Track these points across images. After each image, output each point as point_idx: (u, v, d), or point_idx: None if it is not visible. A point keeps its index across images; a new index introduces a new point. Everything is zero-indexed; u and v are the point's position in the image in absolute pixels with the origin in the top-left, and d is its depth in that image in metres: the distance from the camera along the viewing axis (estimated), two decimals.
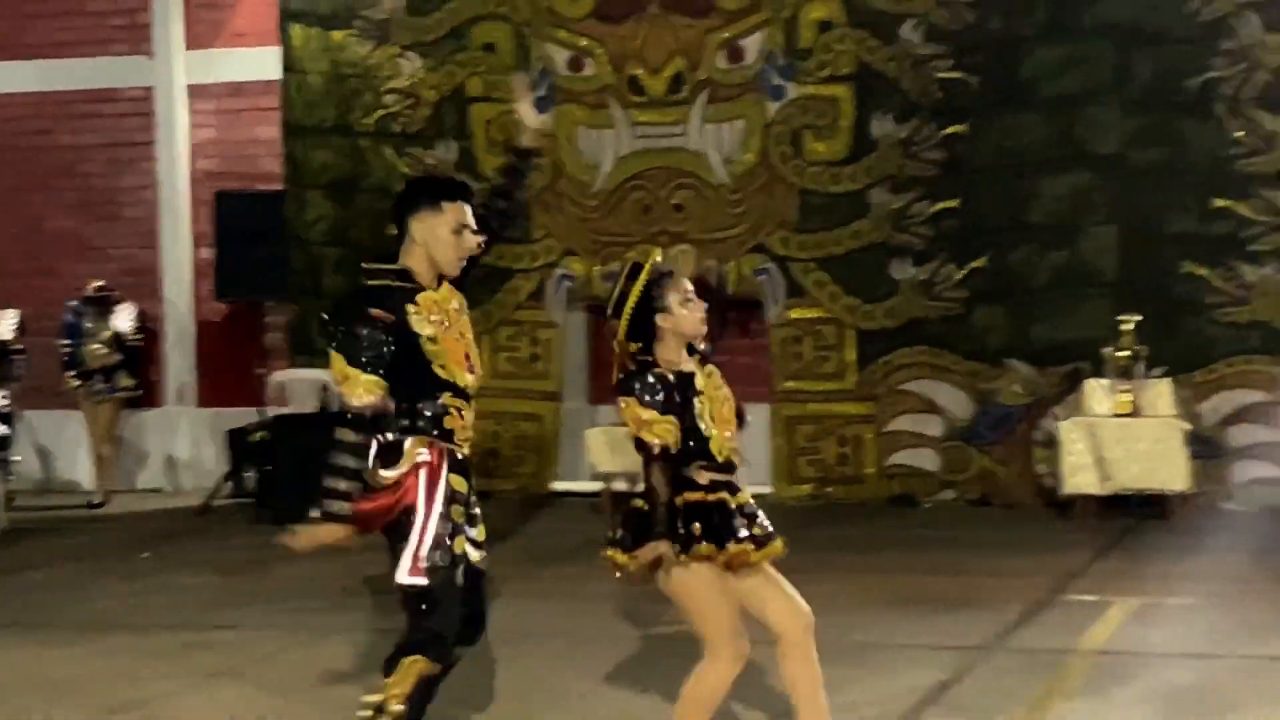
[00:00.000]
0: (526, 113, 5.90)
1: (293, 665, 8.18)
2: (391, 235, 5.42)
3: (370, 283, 5.34)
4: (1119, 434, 11.67)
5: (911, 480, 13.55)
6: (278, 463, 13.18)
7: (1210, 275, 12.82)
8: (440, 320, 5.34)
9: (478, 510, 5.52)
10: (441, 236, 5.34)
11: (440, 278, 5.40)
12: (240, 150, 15.63)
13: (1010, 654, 8.00)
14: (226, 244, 14.84)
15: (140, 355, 15.20)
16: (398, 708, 5.19)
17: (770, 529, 5.51)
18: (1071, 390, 12.73)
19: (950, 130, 13.39)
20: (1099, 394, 12.18)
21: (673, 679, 7.59)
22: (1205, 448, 12.56)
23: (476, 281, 17.58)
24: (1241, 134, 12.75)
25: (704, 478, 5.39)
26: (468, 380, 5.40)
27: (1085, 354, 12.65)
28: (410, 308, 5.28)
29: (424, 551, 5.23)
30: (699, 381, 5.44)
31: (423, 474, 5.28)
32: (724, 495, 5.43)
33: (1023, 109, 13.19)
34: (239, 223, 14.74)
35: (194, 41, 15.64)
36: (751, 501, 5.53)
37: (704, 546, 5.35)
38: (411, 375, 5.27)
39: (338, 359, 5.22)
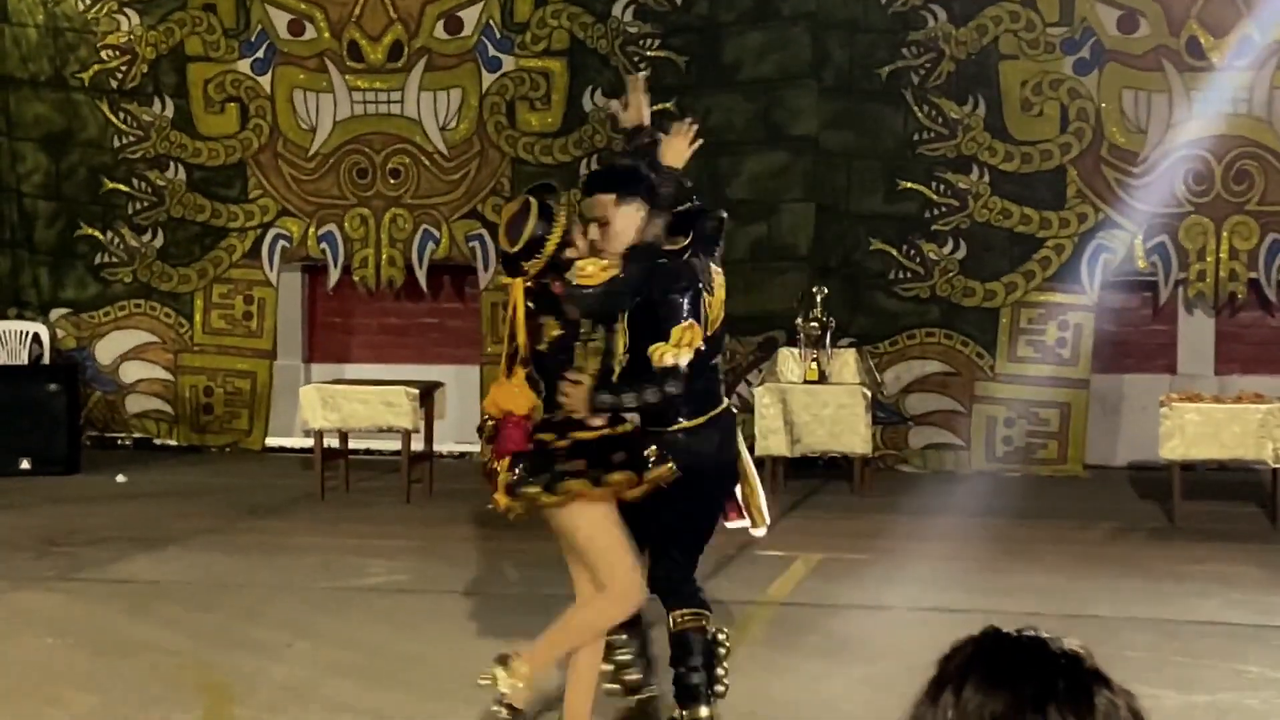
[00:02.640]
0: (616, 108, 6.53)
1: None
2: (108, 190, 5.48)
3: None
4: (807, 399, 11.84)
5: None
6: None
7: (895, 252, 13.41)
8: None
9: None
10: None
11: None
12: None
13: None
14: None
15: None
16: None
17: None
18: (766, 358, 12.99)
19: (657, 107, 13.75)
20: (790, 362, 12.44)
21: (369, 630, 7.94)
22: (886, 414, 13.24)
23: (190, 239, 17.28)
24: (926, 120, 13.35)
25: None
26: None
27: (780, 324, 12.98)
28: None
29: None
30: None
31: None
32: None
33: (725, 90, 13.53)
34: None
35: None
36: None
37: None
38: None
39: None
